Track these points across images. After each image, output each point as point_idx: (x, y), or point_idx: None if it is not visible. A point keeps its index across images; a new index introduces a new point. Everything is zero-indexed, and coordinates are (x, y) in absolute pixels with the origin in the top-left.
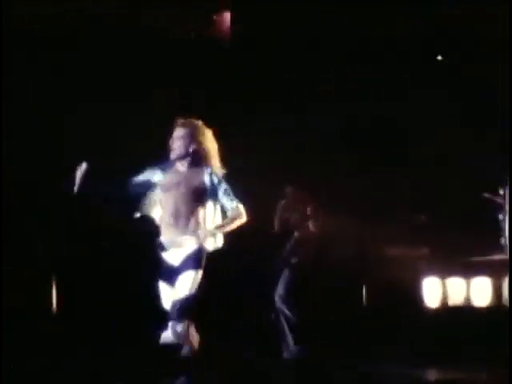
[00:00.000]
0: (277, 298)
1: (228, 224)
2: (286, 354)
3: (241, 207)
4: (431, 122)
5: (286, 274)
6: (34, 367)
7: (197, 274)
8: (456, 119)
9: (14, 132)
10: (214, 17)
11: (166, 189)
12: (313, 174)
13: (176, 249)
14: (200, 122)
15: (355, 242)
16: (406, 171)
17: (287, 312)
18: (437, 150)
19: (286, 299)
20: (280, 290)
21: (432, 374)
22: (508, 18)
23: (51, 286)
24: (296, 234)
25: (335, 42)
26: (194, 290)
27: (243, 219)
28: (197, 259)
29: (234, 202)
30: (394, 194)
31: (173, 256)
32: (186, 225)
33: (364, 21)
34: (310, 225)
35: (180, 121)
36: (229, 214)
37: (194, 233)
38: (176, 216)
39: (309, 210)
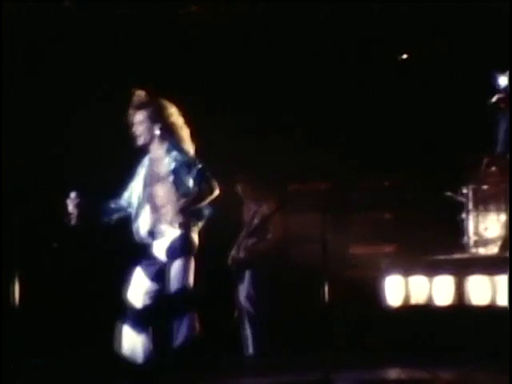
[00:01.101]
0: (241, 297)
1: (197, 200)
2: (247, 352)
3: (212, 182)
4: (397, 122)
5: (248, 272)
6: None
7: (187, 261)
8: (423, 118)
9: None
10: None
11: (143, 178)
12: (275, 171)
13: (159, 240)
14: (159, 99)
15: (317, 239)
16: (369, 170)
17: (250, 310)
18: (400, 149)
19: (249, 297)
20: (244, 288)
21: (393, 373)
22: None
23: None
24: (256, 231)
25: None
26: (188, 280)
27: (215, 193)
28: (181, 246)
29: (203, 177)
30: (357, 192)
31: (157, 247)
32: (164, 213)
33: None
34: (271, 222)
35: (137, 101)
36: (198, 189)
37: (172, 222)
38: (154, 205)
39: (269, 208)
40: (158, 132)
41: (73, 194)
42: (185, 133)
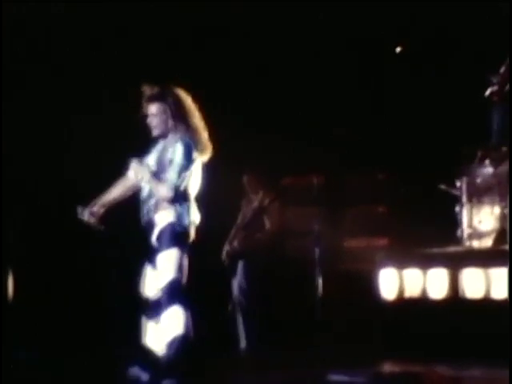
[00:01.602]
0: (234, 290)
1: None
2: (240, 347)
3: (167, 188)
4: (390, 115)
5: (241, 265)
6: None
7: (176, 252)
8: (417, 112)
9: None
10: None
11: (155, 163)
12: (272, 164)
13: (154, 227)
14: (173, 90)
15: (311, 232)
16: (363, 163)
17: (243, 303)
18: (394, 143)
19: (242, 291)
20: (237, 281)
21: (388, 366)
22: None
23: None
24: (251, 224)
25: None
26: (178, 271)
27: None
28: (170, 236)
29: (172, 180)
30: (351, 186)
31: (153, 235)
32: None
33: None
34: (267, 214)
35: (150, 94)
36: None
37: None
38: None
39: (265, 200)
40: (172, 123)
41: (79, 209)
42: (199, 122)
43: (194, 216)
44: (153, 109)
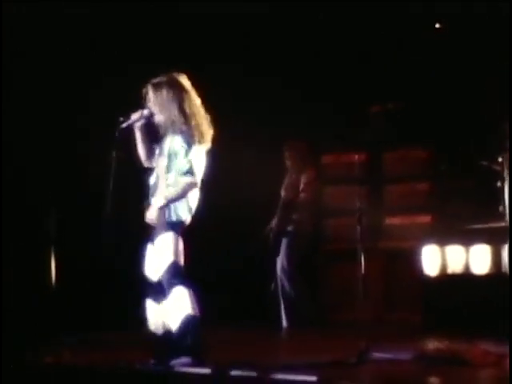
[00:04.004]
0: (277, 269)
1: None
2: (281, 326)
3: (187, 180)
4: (431, 91)
5: (285, 245)
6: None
7: (172, 236)
8: (456, 89)
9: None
10: None
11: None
12: (311, 141)
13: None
14: (175, 78)
15: (353, 211)
16: (404, 140)
17: (285, 282)
18: (435, 119)
19: (283, 270)
20: (279, 260)
21: (431, 343)
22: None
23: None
24: (292, 203)
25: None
26: (175, 255)
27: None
28: (165, 222)
29: (184, 176)
30: (392, 163)
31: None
32: (158, 186)
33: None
34: (306, 194)
35: (152, 83)
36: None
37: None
38: (156, 175)
39: (305, 178)
40: (174, 112)
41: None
42: (197, 110)
43: (192, 204)
44: (151, 99)
